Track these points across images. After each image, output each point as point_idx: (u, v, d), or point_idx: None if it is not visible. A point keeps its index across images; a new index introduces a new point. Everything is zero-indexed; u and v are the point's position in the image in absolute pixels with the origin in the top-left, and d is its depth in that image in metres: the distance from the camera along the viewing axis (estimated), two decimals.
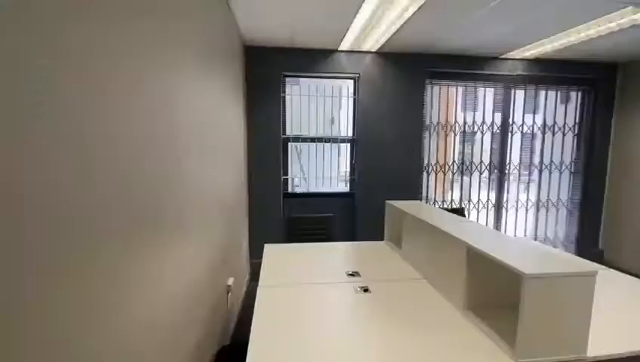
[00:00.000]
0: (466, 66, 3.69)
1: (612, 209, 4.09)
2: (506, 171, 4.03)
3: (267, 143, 3.51)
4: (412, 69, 3.62)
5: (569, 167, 4.15)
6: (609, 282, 1.79)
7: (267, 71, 3.42)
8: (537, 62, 3.77)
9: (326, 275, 1.87)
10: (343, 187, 3.90)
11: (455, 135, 3.89)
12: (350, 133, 3.74)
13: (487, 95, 3.92)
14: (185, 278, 1.42)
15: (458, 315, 1.46)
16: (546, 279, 1.12)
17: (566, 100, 4.13)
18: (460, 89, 3.83)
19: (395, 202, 2.49)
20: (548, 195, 4.18)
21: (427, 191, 3.89)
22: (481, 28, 2.79)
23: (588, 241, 4.18)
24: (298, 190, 3.88)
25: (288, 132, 3.64)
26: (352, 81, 3.63)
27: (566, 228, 4.25)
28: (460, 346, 1.24)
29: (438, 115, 3.81)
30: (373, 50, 3.46)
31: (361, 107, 3.58)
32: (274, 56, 3.40)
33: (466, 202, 3.99)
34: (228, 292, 2.30)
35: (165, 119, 1.21)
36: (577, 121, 4.07)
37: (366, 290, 1.68)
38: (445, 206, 3.96)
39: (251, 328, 1.33)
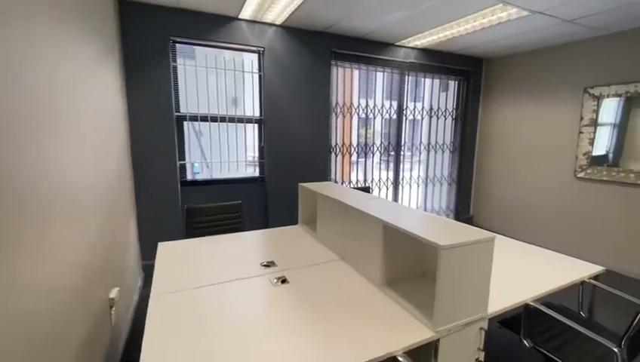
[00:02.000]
0: (367, 50, 3.80)
1: (478, 181, 4.94)
2: (401, 152, 4.41)
3: (156, 123, 2.95)
4: (318, 48, 3.53)
5: (449, 147, 4.81)
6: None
7: (152, 35, 2.83)
8: (425, 51, 4.16)
9: (236, 270, 1.65)
10: (252, 171, 3.64)
11: (357, 117, 4.02)
12: (257, 113, 3.47)
13: (385, 80, 4.16)
14: (47, 292, 1.01)
15: (377, 292, 1.45)
16: (457, 249, 1.16)
17: (446, 88, 4.71)
18: (362, 72, 3.95)
19: (307, 184, 2.39)
20: (434, 172, 4.77)
21: (336, 172, 3.96)
22: (380, 11, 2.86)
23: (462, 209, 4.97)
24: (200, 177, 3.44)
25: (183, 109, 3.15)
26: (256, 55, 3.33)
27: (447, 199, 4.96)
28: (381, 323, 1.22)
29: (344, 97, 3.87)
30: (277, 22, 3.22)
31: (267, 84, 3.34)
32: (159, 16, 2.83)
33: (369, 182, 4.23)
34: (111, 307, 1.85)
35: None
36: (455, 106, 4.71)
37: (284, 281, 1.53)
38: (351, 186, 4.12)
39: (142, 349, 1.05)
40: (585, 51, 3.53)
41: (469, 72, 4.57)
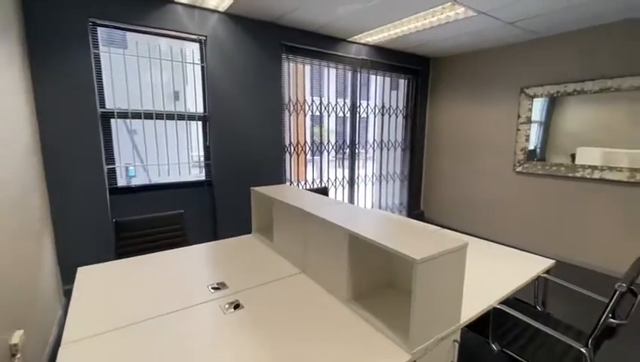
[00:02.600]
0: (319, 44, 3.65)
1: (428, 177, 5.11)
2: (356, 150, 4.36)
3: (75, 121, 2.48)
4: (268, 40, 3.29)
5: (400, 144, 4.89)
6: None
7: (65, 15, 2.36)
8: (377, 48, 4.14)
9: (179, 298, 1.39)
10: (198, 174, 3.28)
11: (310, 115, 3.87)
12: (200, 109, 3.12)
13: (338, 76, 4.06)
14: None
15: (344, 309, 1.30)
16: (432, 261, 1.05)
17: (397, 86, 4.77)
18: (314, 68, 3.80)
19: (261, 188, 2.17)
20: (387, 169, 4.82)
21: (291, 173, 3.76)
22: (332, 3, 2.72)
23: (414, 204, 5.11)
24: (136, 182, 3.00)
25: (110, 105, 2.70)
26: (197, 44, 2.98)
27: (399, 195, 5.06)
28: (352, 347, 1.07)
29: (296, 94, 3.68)
30: (220, 9, 2.91)
31: (211, 77, 3.01)
32: None
33: (324, 181, 4.10)
34: (14, 355, 1.45)
35: None
36: (405, 105, 4.80)
37: (237, 306, 1.31)
38: (307, 186, 3.96)
39: None
40: (522, 53, 3.77)
41: (417, 70, 4.67)
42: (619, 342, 2.18)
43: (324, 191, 3.10)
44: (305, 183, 3.95)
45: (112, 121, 2.72)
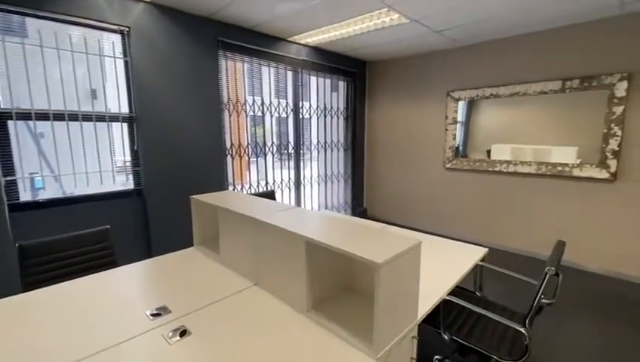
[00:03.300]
0: (257, 42, 3.52)
1: (369, 176, 5.31)
2: (301, 151, 4.33)
3: None
4: (204, 36, 3.06)
5: (342, 145, 4.99)
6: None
7: None
8: (317, 50, 4.16)
9: (111, 332, 1.18)
10: (124, 183, 2.91)
11: (251, 114, 3.72)
12: (125, 109, 2.77)
13: (279, 76, 3.97)
14: None
15: (304, 320, 1.25)
16: (393, 262, 1.05)
17: (337, 88, 4.86)
18: (254, 66, 3.66)
19: (202, 196, 1.99)
20: (331, 169, 4.88)
21: (233, 177, 3.56)
22: (268, 2, 2.64)
23: (357, 202, 5.27)
24: (44, 196, 2.54)
25: (6, 103, 2.23)
26: (118, 35, 2.63)
27: (344, 194, 5.17)
28: (316, 360, 1.03)
29: (235, 92, 3.49)
30: None
31: (138, 74, 2.69)
32: None
33: (269, 184, 3.99)
34: None
35: None
36: (345, 106, 4.91)
37: (183, 333, 1.16)
38: (251, 190, 3.80)
39: None
40: (448, 60, 4.13)
41: (355, 73, 4.81)
42: (544, 317, 2.51)
43: (271, 195, 2.99)
44: (249, 187, 3.78)
45: (10, 122, 2.25)
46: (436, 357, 1.95)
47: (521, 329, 1.31)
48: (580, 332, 2.29)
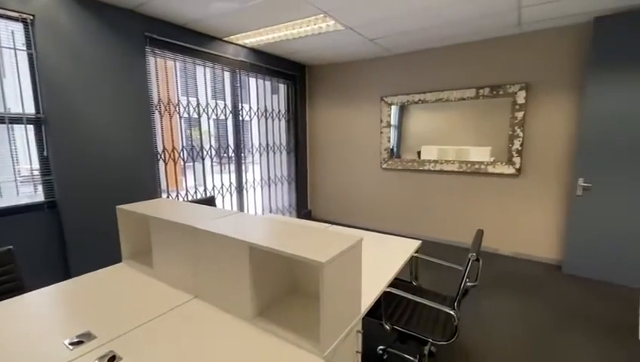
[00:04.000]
0: (191, 41, 3.34)
1: (312, 178, 5.39)
2: (242, 154, 4.21)
3: None
4: (129, 30, 2.79)
5: (285, 147, 4.99)
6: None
7: None
8: (256, 52, 4.09)
9: None
10: (32, 194, 2.50)
11: (184, 117, 3.51)
12: (31, 109, 2.39)
13: (216, 76, 3.82)
14: None
15: (250, 328, 1.21)
16: (336, 261, 1.08)
17: (277, 90, 4.84)
18: (188, 65, 3.45)
19: (130, 206, 1.82)
20: (274, 172, 4.84)
21: (167, 183, 3.31)
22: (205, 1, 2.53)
23: (302, 204, 5.31)
24: None
25: None
26: (19, 24, 2.26)
27: (288, 197, 5.16)
28: None
29: (167, 93, 3.26)
30: None
31: (47, 69, 2.34)
32: None
33: (209, 190, 3.80)
34: None
35: None
36: (286, 109, 4.92)
37: (112, 359, 1.04)
38: (189, 197, 3.57)
39: None
40: (382, 67, 4.39)
41: (295, 76, 4.85)
42: (471, 297, 2.80)
43: (210, 201, 2.85)
44: (186, 194, 3.55)
45: None
46: (379, 347, 2.05)
47: (451, 312, 1.45)
48: (499, 307, 2.61)
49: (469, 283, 1.48)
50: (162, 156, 3.24)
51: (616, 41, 2.79)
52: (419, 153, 4.25)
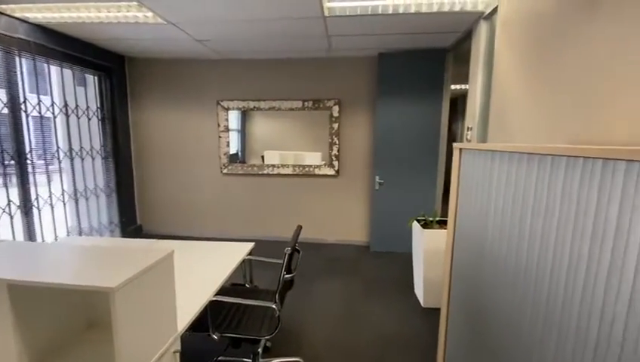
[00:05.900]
0: None
1: (141, 188, 4.70)
2: (27, 161, 3.20)
3: None
4: None
5: (100, 152, 4.13)
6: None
7: None
8: (48, 31, 3.20)
9: None
10: None
11: None
12: None
13: None
14: None
15: None
16: (133, 282, 0.97)
17: (84, 83, 3.95)
18: None
19: None
20: (85, 183, 3.92)
21: None
22: None
23: (128, 220, 4.53)
24: None
25: None
26: None
27: (108, 213, 4.30)
28: None
29: None
30: None
31: None
32: None
33: None
34: None
35: None
36: (100, 106, 4.08)
37: None
38: None
39: None
40: (216, 70, 4.28)
41: (110, 68, 4.10)
42: (298, 287, 3.09)
43: None
44: None
45: None
46: (214, 359, 2.00)
47: (272, 306, 1.57)
48: (326, 289, 3.03)
49: (286, 276, 1.64)
50: None
51: (391, 72, 3.76)
52: (263, 158, 4.40)
